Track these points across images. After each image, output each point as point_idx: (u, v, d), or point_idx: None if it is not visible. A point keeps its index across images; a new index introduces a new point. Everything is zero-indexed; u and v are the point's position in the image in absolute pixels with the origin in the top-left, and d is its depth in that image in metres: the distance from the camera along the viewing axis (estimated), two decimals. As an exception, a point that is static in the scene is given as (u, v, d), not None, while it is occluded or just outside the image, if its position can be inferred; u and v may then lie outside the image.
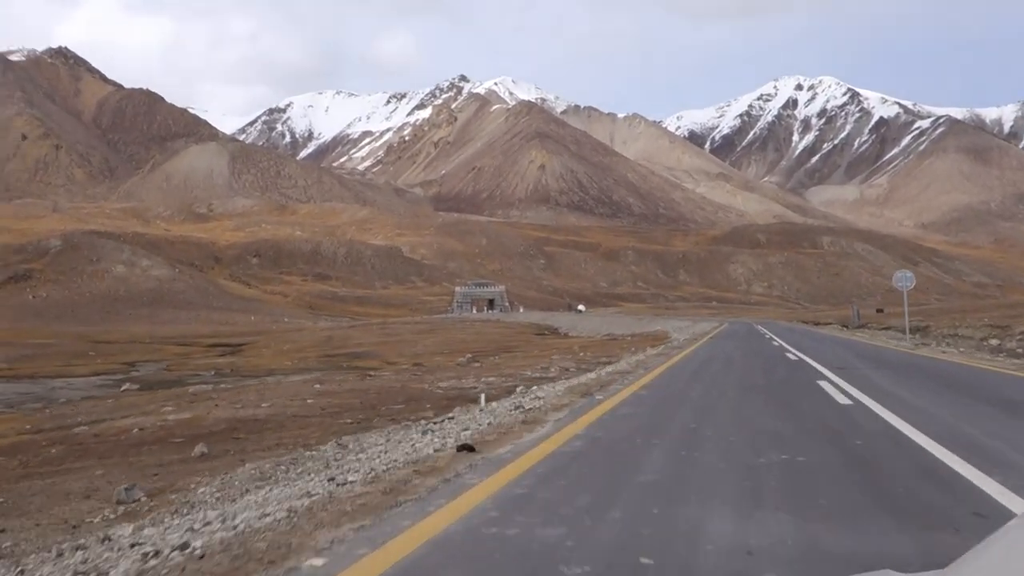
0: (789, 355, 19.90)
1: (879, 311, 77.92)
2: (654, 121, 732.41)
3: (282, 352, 48.41)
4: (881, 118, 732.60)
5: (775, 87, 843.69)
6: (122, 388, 24.18)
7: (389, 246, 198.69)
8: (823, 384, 12.21)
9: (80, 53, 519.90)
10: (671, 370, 15.26)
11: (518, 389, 12.29)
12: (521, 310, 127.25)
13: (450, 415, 9.85)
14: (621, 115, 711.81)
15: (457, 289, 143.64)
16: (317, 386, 16.47)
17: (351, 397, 14.00)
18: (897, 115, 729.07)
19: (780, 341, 29.10)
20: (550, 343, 44.50)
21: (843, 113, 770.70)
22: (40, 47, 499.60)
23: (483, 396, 11.80)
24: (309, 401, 13.62)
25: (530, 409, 9.24)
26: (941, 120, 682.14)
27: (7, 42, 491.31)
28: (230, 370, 33.47)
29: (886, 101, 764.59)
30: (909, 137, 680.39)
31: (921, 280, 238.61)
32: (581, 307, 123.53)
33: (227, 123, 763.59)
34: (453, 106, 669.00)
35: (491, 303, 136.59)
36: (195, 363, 40.43)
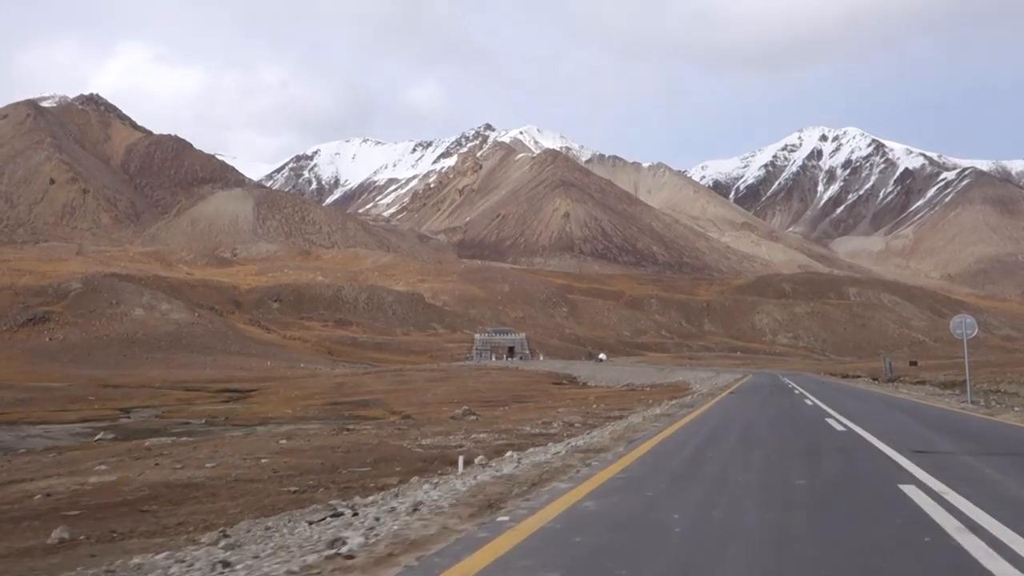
0: (832, 423, 15.26)
1: (913, 364, 74.93)
2: (679, 171, 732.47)
3: (289, 399, 46.64)
4: (906, 169, 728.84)
5: (800, 138, 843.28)
6: (96, 438, 22.46)
7: (411, 292, 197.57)
8: (920, 499, 7.03)
9: (113, 101, 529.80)
10: (675, 439, 11.65)
11: (508, 454, 10.32)
12: (541, 358, 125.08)
13: (390, 495, 7.90)
14: (646, 164, 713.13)
15: (477, 336, 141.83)
16: (283, 442, 14.65)
17: (315, 456, 12.18)
18: (922, 166, 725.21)
19: (814, 399, 24.55)
20: (566, 393, 42.44)
21: (868, 164, 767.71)
22: (72, 94, 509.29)
23: (462, 459, 9.89)
24: (263, 461, 11.81)
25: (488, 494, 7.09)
26: (967, 172, 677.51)
27: (43, 90, 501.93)
28: (224, 418, 31.71)
29: (911, 152, 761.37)
30: (935, 189, 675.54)
31: (950, 332, 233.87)
32: (602, 356, 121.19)
33: (255, 170, 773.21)
34: (478, 154, 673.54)
35: (511, 351, 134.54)
36: (193, 410, 38.70)
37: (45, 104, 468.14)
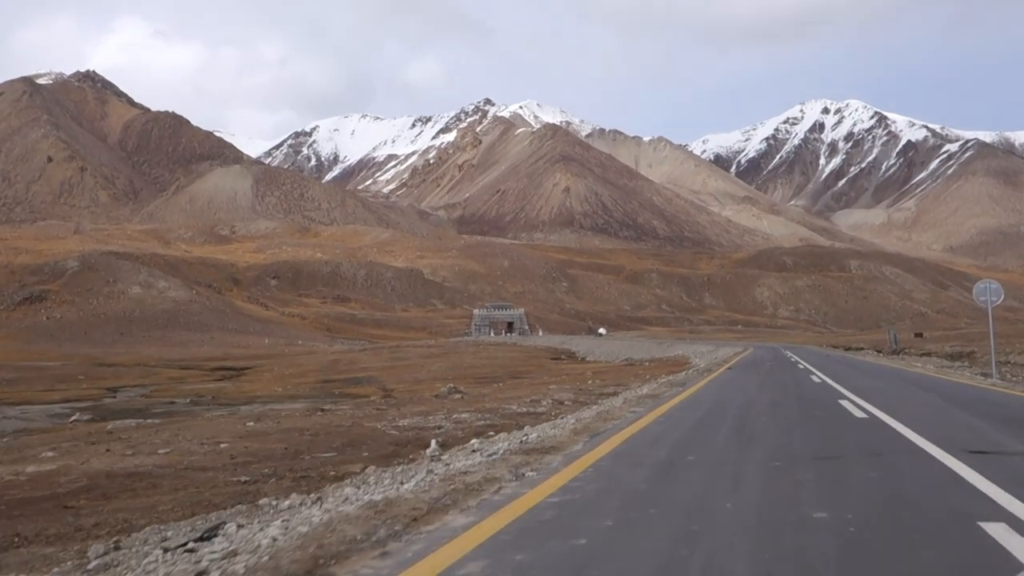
0: (847, 406, 12.45)
1: (918, 335, 73.79)
2: (679, 145, 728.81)
3: (282, 377, 45.84)
4: (909, 141, 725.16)
5: (801, 111, 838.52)
6: (71, 419, 21.62)
7: (410, 268, 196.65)
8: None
9: (112, 78, 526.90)
10: (653, 431, 9.13)
11: (472, 442, 9.30)
12: (540, 333, 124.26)
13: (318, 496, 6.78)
14: (646, 138, 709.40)
15: (476, 312, 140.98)
16: (250, 424, 13.76)
17: (279, 440, 11.31)
18: (925, 138, 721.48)
19: (821, 375, 21.81)
20: (563, 368, 41.61)
21: (870, 137, 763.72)
22: (69, 71, 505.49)
23: (434, 442, 9.00)
24: (223, 446, 10.94)
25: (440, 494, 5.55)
26: (970, 143, 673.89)
27: (41, 67, 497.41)
28: (212, 397, 30.88)
29: (914, 124, 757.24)
30: (937, 161, 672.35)
31: (951, 304, 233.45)
32: (602, 331, 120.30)
33: (254, 147, 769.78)
34: (478, 129, 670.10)
35: (510, 326, 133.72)
36: (182, 388, 37.89)
37: (41, 81, 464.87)
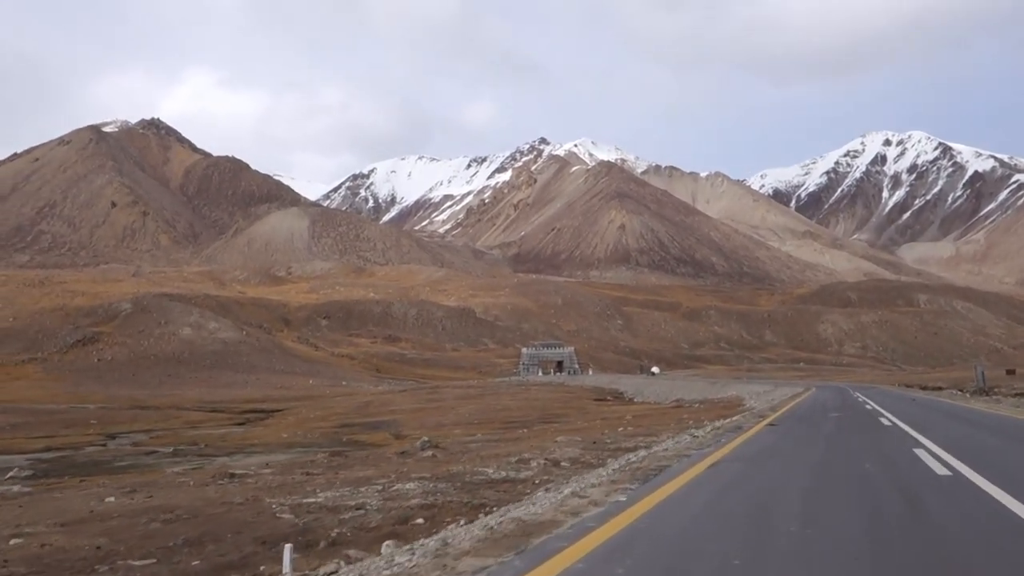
0: None
1: (1010, 372, 67.41)
2: (737, 180, 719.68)
3: (304, 420, 42.89)
4: (976, 172, 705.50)
5: (862, 143, 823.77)
6: (7, 475, 18.67)
7: (462, 307, 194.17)
8: None
9: (178, 125, 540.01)
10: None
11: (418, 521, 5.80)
12: (591, 372, 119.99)
13: None
14: (703, 174, 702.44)
15: (524, 350, 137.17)
16: (110, 499, 10.54)
17: (108, 532, 8.07)
18: (992, 168, 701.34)
19: (921, 438, 13.72)
20: (603, 411, 37.83)
21: (935, 168, 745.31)
22: (134, 119, 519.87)
23: (287, 552, 5.60)
24: (26, 535, 7.75)
25: None
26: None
27: (110, 116, 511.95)
28: (204, 445, 27.89)
29: (980, 155, 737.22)
30: (1007, 191, 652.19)
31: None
32: (655, 369, 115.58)
33: (313, 190, 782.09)
34: (533, 168, 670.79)
35: (559, 365, 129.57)
36: (188, 434, 35.06)
37: (107, 129, 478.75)
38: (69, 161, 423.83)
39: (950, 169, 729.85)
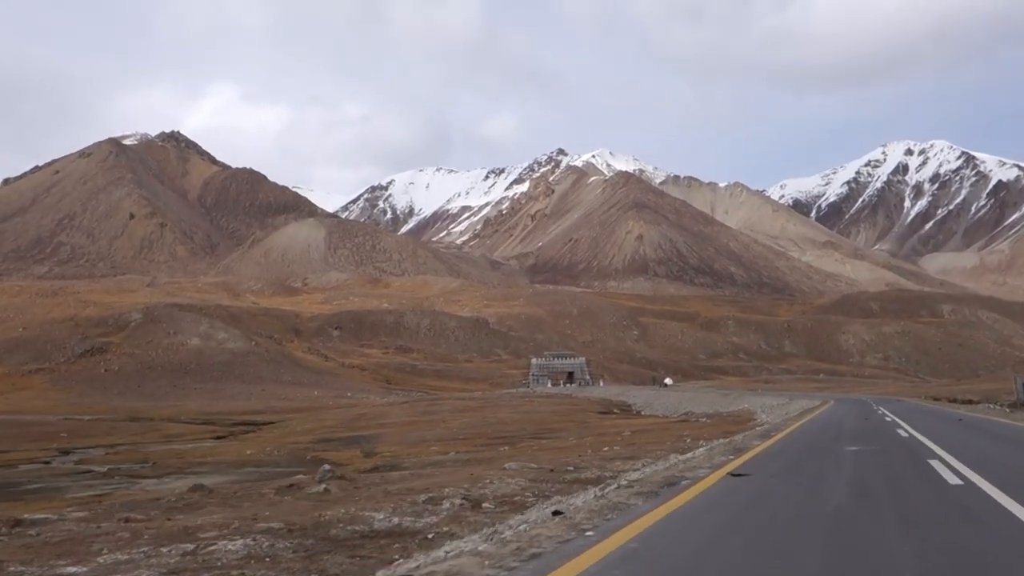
0: None
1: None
2: (757, 190, 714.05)
3: (290, 434, 40.49)
4: (1000, 181, 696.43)
5: (883, 153, 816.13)
6: None
7: (475, 317, 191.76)
8: None
9: (202, 138, 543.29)
10: None
11: None
12: (602, 384, 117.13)
13: None
14: (722, 184, 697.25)
15: (534, 361, 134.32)
16: None
17: None
18: (1017, 178, 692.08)
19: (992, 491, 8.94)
20: (605, 424, 35.22)
21: (958, 177, 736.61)
22: (153, 132, 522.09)
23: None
24: None
25: None
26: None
27: (129, 129, 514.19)
28: (152, 463, 25.51)
29: (1004, 164, 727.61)
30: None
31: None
32: (668, 380, 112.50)
33: (332, 201, 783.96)
34: (551, 179, 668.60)
35: (570, 376, 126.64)
36: (151, 450, 32.73)
37: (127, 142, 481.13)
38: (89, 173, 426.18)
39: (973, 178, 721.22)
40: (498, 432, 32.11)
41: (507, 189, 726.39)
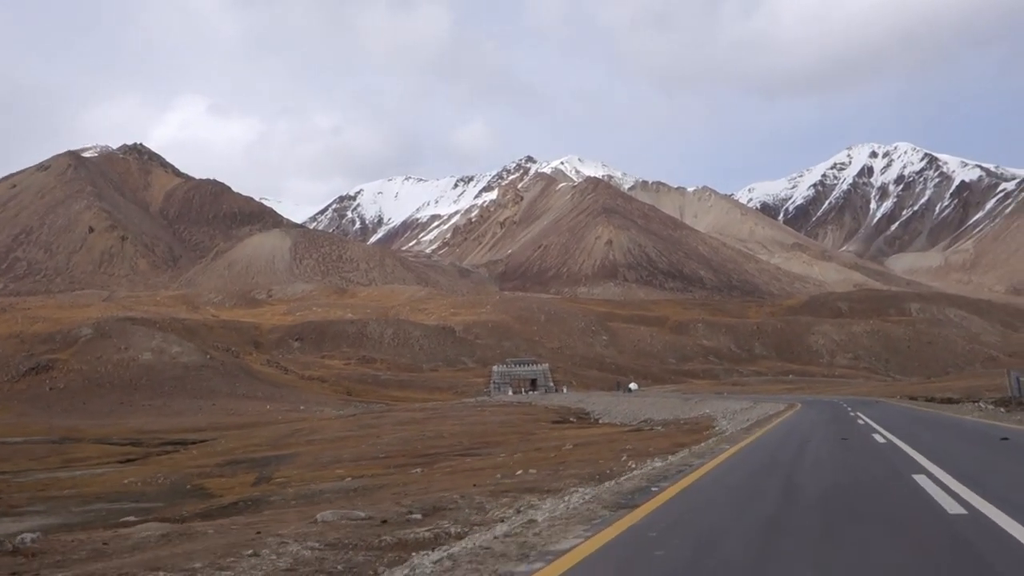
0: None
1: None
2: (725, 194, 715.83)
3: (209, 454, 36.60)
4: (963, 182, 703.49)
5: (849, 155, 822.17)
6: None
7: (441, 326, 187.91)
8: None
9: (170, 152, 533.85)
10: None
11: None
12: (564, 390, 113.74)
13: None
14: (691, 189, 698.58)
15: (495, 368, 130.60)
16: None
17: None
18: (979, 178, 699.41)
19: None
20: (551, 436, 31.77)
21: (921, 179, 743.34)
22: (115, 145, 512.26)
23: None
24: None
25: None
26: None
27: (94, 142, 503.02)
28: None
29: (966, 165, 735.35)
30: (993, 200, 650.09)
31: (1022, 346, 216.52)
32: (633, 386, 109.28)
33: (300, 212, 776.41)
34: (519, 186, 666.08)
35: (533, 383, 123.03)
36: (27, 479, 28.74)
37: (87, 155, 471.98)
38: (47, 187, 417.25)
39: (937, 179, 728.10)
40: (428, 448, 28.63)
41: (476, 197, 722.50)
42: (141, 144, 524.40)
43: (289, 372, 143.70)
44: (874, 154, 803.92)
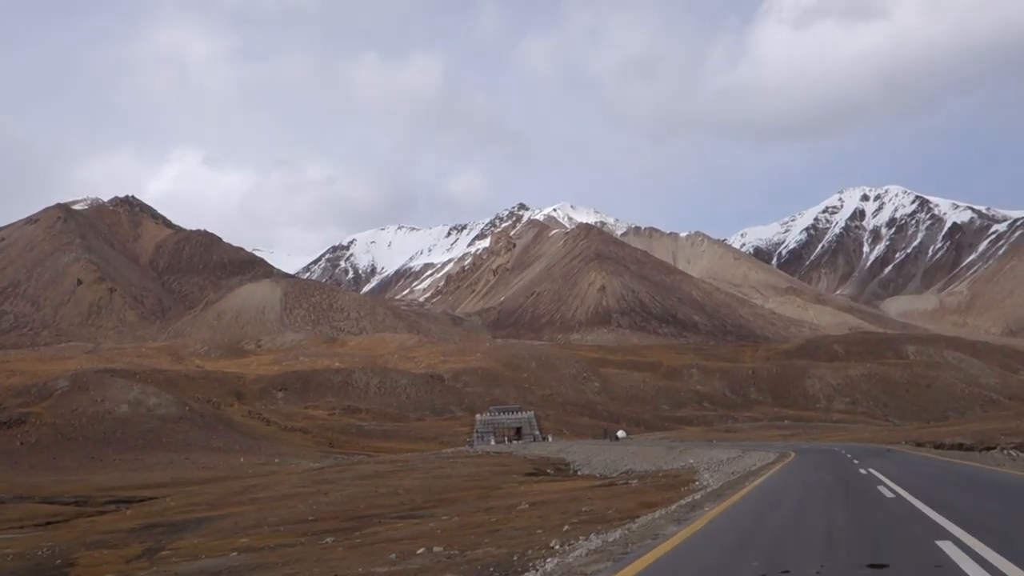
0: None
1: None
2: (718, 239, 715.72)
3: (141, 515, 32.90)
4: (955, 224, 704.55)
5: (840, 199, 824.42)
6: None
7: (429, 374, 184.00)
8: None
9: (165, 204, 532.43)
10: None
11: None
12: (550, 439, 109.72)
13: None
14: (683, 234, 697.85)
15: (478, 417, 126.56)
16: None
17: None
18: (971, 220, 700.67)
19: None
20: (517, 492, 28.34)
21: (913, 221, 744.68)
22: (106, 198, 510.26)
23: None
24: None
25: None
26: (1019, 222, 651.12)
27: (91, 194, 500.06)
28: None
29: (958, 207, 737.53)
30: (986, 242, 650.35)
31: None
32: (621, 433, 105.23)
33: (293, 263, 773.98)
34: (512, 233, 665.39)
35: (518, 432, 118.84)
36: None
37: (77, 207, 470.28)
38: (36, 240, 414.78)
39: (929, 221, 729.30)
40: (371, 507, 25.29)
41: (469, 245, 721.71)
42: (133, 196, 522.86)
43: (271, 423, 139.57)
44: (865, 197, 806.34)
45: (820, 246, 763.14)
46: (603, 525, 12.55)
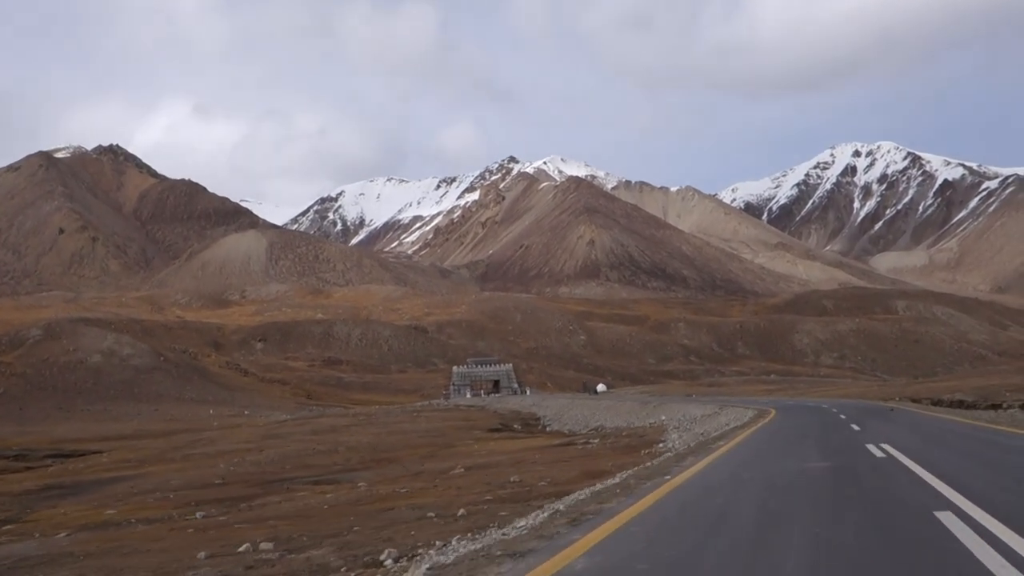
0: None
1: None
2: (709, 194, 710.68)
3: (62, 472, 30.03)
4: (946, 181, 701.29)
5: (832, 155, 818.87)
6: None
7: (412, 326, 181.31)
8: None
9: (154, 154, 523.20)
10: None
11: None
12: (528, 392, 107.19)
13: None
14: (674, 189, 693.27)
15: (455, 369, 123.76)
16: None
17: None
18: (962, 177, 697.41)
19: None
20: (461, 452, 25.37)
21: (905, 178, 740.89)
22: (92, 146, 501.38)
23: None
24: None
25: None
26: (1010, 179, 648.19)
27: (78, 143, 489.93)
28: None
29: (949, 163, 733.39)
30: (977, 199, 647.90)
31: (1013, 344, 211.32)
32: (601, 387, 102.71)
33: (282, 214, 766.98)
34: (501, 186, 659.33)
35: (496, 384, 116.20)
36: None
37: (59, 155, 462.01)
38: (17, 188, 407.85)
39: (920, 178, 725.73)
40: (297, 467, 22.39)
41: (459, 198, 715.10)
42: (117, 145, 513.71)
43: (248, 374, 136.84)
44: (857, 153, 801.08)
45: (811, 202, 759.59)
46: (514, 506, 9.77)
